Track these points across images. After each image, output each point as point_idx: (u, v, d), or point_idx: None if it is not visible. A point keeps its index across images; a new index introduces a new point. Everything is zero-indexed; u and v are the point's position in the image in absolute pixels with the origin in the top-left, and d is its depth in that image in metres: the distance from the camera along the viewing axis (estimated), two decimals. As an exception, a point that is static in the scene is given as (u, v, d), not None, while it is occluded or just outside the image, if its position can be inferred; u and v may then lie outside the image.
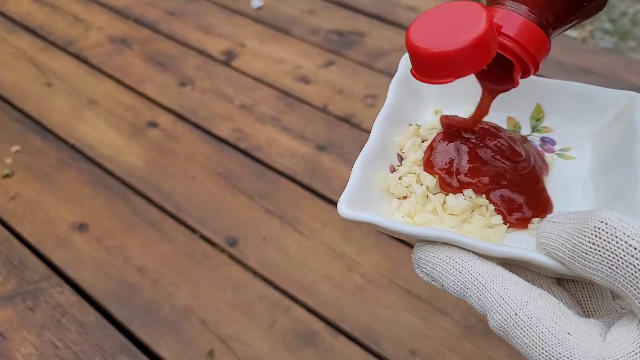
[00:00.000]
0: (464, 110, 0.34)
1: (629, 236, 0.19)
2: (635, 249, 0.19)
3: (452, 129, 0.30)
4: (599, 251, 0.20)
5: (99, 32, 1.16)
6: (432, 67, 0.25)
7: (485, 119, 0.33)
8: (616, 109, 0.31)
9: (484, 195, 0.28)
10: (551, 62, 1.03)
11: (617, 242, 0.19)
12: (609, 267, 0.19)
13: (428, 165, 0.29)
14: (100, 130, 0.94)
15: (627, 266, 0.19)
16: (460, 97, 0.34)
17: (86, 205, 0.81)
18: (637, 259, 0.19)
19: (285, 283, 0.70)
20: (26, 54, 1.11)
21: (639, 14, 1.55)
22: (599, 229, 0.20)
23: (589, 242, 0.20)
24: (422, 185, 0.28)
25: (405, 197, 0.28)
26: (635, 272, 0.19)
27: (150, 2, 1.24)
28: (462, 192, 0.28)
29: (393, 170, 0.30)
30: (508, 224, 0.27)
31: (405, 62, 0.34)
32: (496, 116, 0.33)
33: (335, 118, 0.94)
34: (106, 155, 0.89)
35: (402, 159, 0.31)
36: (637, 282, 0.19)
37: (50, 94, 1.01)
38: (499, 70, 0.28)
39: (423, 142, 0.31)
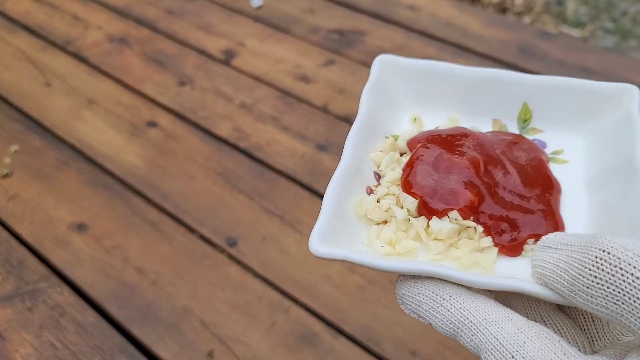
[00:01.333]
0: (444, 115, 0.31)
1: (634, 267, 0.17)
2: None
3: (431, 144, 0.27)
4: (602, 285, 0.18)
5: (98, 32, 1.15)
6: None
7: (469, 122, 0.30)
8: (609, 103, 0.29)
9: (471, 216, 0.25)
10: (552, 61, 1.03)
11: (621, 275, 0.17)
12: (614, 303, 0.17)
13: (407, 185, 0.26)
14: (99, 130, 0.93)
15: (634, 301, 0.17)
16: (439, 102, 0.31)
17: (85, 205, 0.81)
18: None
19: (285, 283, 0.70)
20: (25, 53, 1.10)
21: (640, 13, 1.55)
22: (600, 259, 0.18)
23: (591, 274, 0.18)
24: (402, 208, 0.26)
25: (385, 222, 0.26)
26: None
27: (149, 2, 1.24)
28: (446, 214, 0.25)
29: (370, 191, 0.27)
30: (499, 247, 0.25)
31: (377, 67, 0.31)
32: (481, 119, 0.30)
33: (335, 117, 0.94)
34: (105, 155, 0.88)
35: (379, 177, 0.28)
36: None
37: (50, 94, 1.01)
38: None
39: (402, 155, 0.29)
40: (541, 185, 0.27)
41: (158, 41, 1.12)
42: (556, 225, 0.26)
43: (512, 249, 0.25)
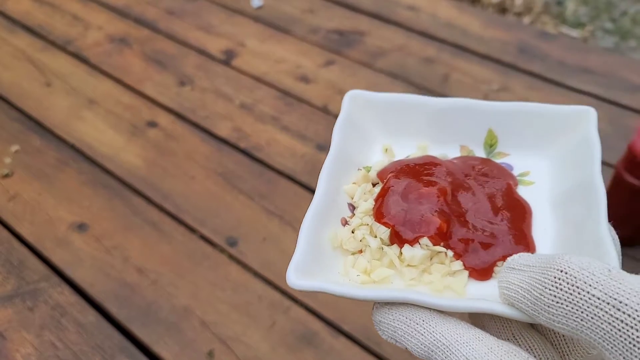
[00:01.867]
0: (414, 144, 0.32)
1: (590, 285, 0.18)
2: (599, 298, 0.18)
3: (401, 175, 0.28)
4: (562, 304, 0.18)
5: (98, 32, 1.16)
6: None
7: (438, 149, 0.32)
8: (570, 125, 0.30)
9: (442, 242, 0.26)
10: (552, 61, 1.03)
11: (579, 294, 0.18)
12: (574, 320, 0.18)
13: (379, 215, 0.27)
14: (99, 129, 0.93)
15: (592, 317, 0.18)
16: (409, 132, 0.32)
17: (85, 205, 0.81)
18: (601, 309, 0.17)
19: (285, 283, 0.70)
20: (25, 53, 1.10)
21: (640, 14, 1.55)
22: (559, 279, 0.19)
23: (550, 294, 0.19)
24: (375, 237, 0.27)
25: (360, 251, 0.27)
26: (602, 323, 0.18)
27: (149, 2, 1.24)
28: (417, 241, 0.26)
29: (345, 223, 0.28)
30: (470, 271, 0.26)
31: (348, 102, 0.32)
32: (449, 146, 0.32)
33: (335, 118, 0.94)
34: (105, 155, 0.88)
35: (354, 208, 0.29)
36: (605, 334, 0.17)
37: (50, 94, 1.01)
38: None
39: (375, 185, 0.30)
40: (511, 208, 0.28)
41: (158, 41, 1.12)
42: (527, 247, 0.27)
43: (483, 272, 0.26)
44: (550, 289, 0.19)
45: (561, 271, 0.19)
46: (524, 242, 0.27)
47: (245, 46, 1.10)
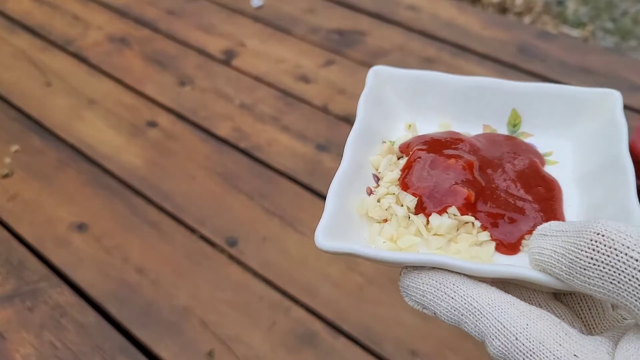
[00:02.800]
0: (436, 122, 0.32)
1: (628, 247, 0.18)
2: (637, 260, 0.18)
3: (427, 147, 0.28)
4: (599, 266, 0.18)
5: (98, 32, 1.15)
6: None
7: (460, 127, 0.32)
8: (594, 107, 0.30)
9: (469, 213, 0.26)
10: (552, 61, 1.03)
11: (616, 255, 0.18)
12: (611, 282, 0.18)
13: (405, 185, 0.27)
14: (99, 129, 0.93)
15: (629, 280, 0.18)
16: (431, 109, 0.33)
17: (85, 205, 0.81)
18: (639, 271, 0.18)
19: (285, 283, 0.70)
20: (25, 53, 1.10)
21: (640, 13, 1.55)
22: (596, 242, 0.19)
23: (587, 256, 0.19)
24: (402, 206, 0.27)
25: (385, 220, 0.27)
26: (639, 284, 0.18)
27: (149, 1, 1.24)
28: (445, 210, 0.26)
29: (370, 192, 0.28)
30: (497, 243, 0.26)
31: (372, 77, 0.32)
32: (471, 125, 0.32)
33: (335, 118, 0.94)
34: (105, 155, 0.88)
35: (378, 179, 0.29)
36: None
37: (50, 94, 1.01)
38: None
39: (399, 159, 0.30)
40: (540, 185, 0.28)
41: (158, 41, 1.12)
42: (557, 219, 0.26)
43: (510, 246, 0.26)
44: (586, 251, 0.19)
45: (598, 234, 0.19)
46: (554, 218, 0.26)
47: (246, 46, 1.10)
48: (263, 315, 0.67)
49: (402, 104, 0.33)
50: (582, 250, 0.19)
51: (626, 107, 0.92)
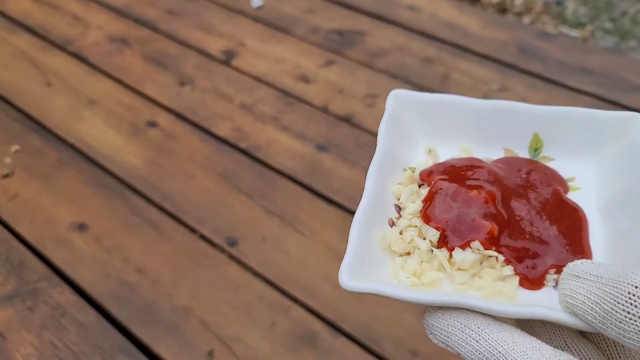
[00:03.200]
0: (457, 146, 0.32)
1: None
2: None
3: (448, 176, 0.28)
4: (635, 321, 0.18)
5: (98, 32, 1.16)
6: None
7: (481, 152, 0.31)
8: (617, 131, 0.30)
9: (492, 247, 0.26)
10: (552, 62, 1.03)
11: None
12: None
13: (427, 218, 0.27)
14: (99, 129, 0.93)
15: None
16: (452, 133, 0.32)
17: (85, 205, 0.81)
18: None
19: (285, 283, 0.70)
20: (25, 53, 1.10)
21: (640, 14, 1.55)
22: (633, 295, 0.18)
23: (624, 310, 0.18)
24: (424, 239, 0.27)
25: (409, 253, 0.27)
26: None
27: (149, 2, 1.24)
28: (469, 245, 0.26)
29: (392, 224, 0.28)
30: (521, 277, 0.25)
31: (392, 101, 0.32)
32: (493, 149, 0.31)
33: (335, 118, 0.94)
34: (105, 155, 0.89)
35: (400, 209, 0.29)
36: None
37: (50, 94, 1.01)
38: None
39: (420, 186, 0.30)
40: (565, 215, 0.28)
41: (158, 41, 1.12)
42: (584, 256, 0.26)
43: (534, 282, 0.25)
44: (623, 305, 0.19)
45: (636, 287, 0.18)
46: (580, 251, 0.26)
47: (246, 46, 1.10)
48: (263, 315, 0.67)
49: (422, 129, 0.32)
50: (618, 303, 0.19)
51: (626, 107, 0.93)
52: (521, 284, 0.25)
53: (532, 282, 0.25)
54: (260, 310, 0.67)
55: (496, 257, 0.26)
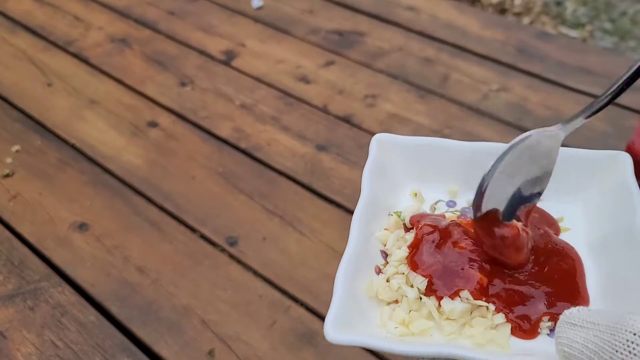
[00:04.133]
0: (443, 188, 0.32)
1: None
2: None
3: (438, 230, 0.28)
4: None
5: (99, 32, 1.16)
6: None
7: (468, 192, 0.30)
8: (604, 170, 0.30)
9: (482, 297, 0.25)
10: (551, 62, 1.03)
11: None
12: None
13: (414, 265, 0.27)
14: (100, 130, 0.94)
15: None
16: (437, 175, 0.32)
17: (86, 205, 0.81)
18: None
19: (285, 283, 0.70)
20: (26, 53, 1.11)
21: (639, 14, 1.55)
22: (632, 342, 0.18)
23: (623, 358, 0.18)
24: (412, 287, 0.26)
25: (396, 301, 0.26)
26: None
27: (150, 2, 1.24)
28: (458, 294, 0.25)
29: (379, 271, 0.28)
30: (514, 325, 0.25)
31: (375, 146, 0.32)
32: None
33: (335, 118, 0.95)
34: (106, 155, 0.89)
35: (387, 255, 0.29)
36: None
37: (51, 94, 1.01)
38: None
39: (408, 230, 0.29)
40: (557, 259, 0.27)
41: (159, 42, 1.13)
42: (578, 299, 0.25)
43: (528, 332, 0.25)
44: (622, 352, 0.18)
45: (634, 334, 0.18)
46: (575, 296, 0.25)
47: (246, 46, 1.11)
48: (263, 314, 0.67)
49: (407, 172, 0.32)
50: (617, 351, 0.18)
51: (625, 107, 0.93)
52: (515, 333, 0.25)
53: (526, 332, 0.25)
54: (261, 309, 0.68)
55: (487, 307, 0.25)
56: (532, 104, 0.94)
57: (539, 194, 0.27)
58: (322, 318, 0.67)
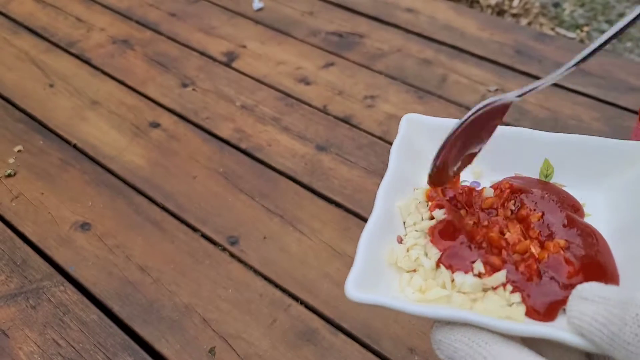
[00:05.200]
0: (468, 170, 0.32)
1: None
2: None
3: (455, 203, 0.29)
4: None
5: (101, 33, 1.17)
6: None
7: (493, 175, 0.31)
8: (627, 159, 0.30)
9: (504, 272, 0.25)
10: (549, 63, 1.04)
11: None
12: None
13: (433, 240, 0.27)
14: (102, 130, 0.94)
15: None
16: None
17: (88, 204, 0.82)
18: None
19: (285, 281, 0.71)
20: (29, 54, 1.11)
21: (637, 16, 1.56)
22: None
23: (631, 332, 0.18)
24: (429, 258, 0.27)
25: (414, 270, 0.27)
26: None
27: (152, 4, 1.25)
28: (471, 268, 0.26)
29: (400, 240, 0.29)
30: (531, 311, 0.24)
31: (405, 125, 0.33)
32: (504, 173, 0.32)
33: (335, 118, 0.95)
34: (108, 155, 0.89)
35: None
36: None
37: (53, 95, 1.02)
38: None
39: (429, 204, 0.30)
40: (582, 238, 0.27)
41: (160, 43, 1.13)
42: (605, 277, 0.25)
43: (546, 314, 0.25)
44: (631, 326, 0.18)
45: None
46: (602, 273, 0.25)
47: (246, 48, 1.11)
48: (264, 313, 0.68)
49: (433, 151, 0.32)
50: (626, 325, 0.19)
51: (622, 108, 0.94)
52: (531, 315, 0.24)
53: (544, 315, 0.24)
54: (261, 308, 0.68)
55: (504, 285, 0.25)
56: (529, 104, 0.95)
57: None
58: (322, 316, 0.67)
